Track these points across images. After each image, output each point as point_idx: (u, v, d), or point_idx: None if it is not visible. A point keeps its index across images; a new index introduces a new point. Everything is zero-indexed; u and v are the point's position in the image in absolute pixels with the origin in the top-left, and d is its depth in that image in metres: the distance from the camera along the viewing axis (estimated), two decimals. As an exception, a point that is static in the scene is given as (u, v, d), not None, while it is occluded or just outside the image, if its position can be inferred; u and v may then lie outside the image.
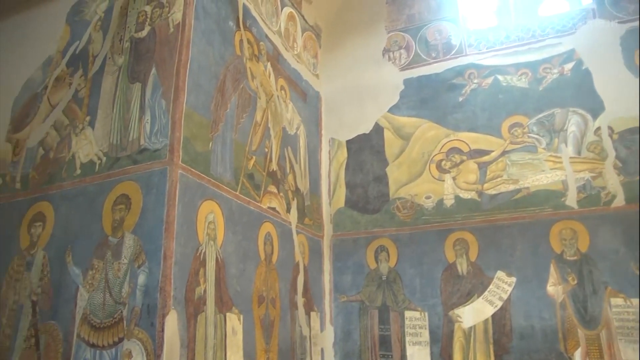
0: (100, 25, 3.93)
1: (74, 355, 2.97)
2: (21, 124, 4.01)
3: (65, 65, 3.97)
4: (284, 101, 4.80)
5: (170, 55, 3.38)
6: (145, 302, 2.81)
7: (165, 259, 2.84)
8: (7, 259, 3.53)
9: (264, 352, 3.73)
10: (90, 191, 3.30)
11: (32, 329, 3.21)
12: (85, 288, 3.07)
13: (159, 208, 2.94)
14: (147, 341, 2.74)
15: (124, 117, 3.39)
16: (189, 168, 3.17)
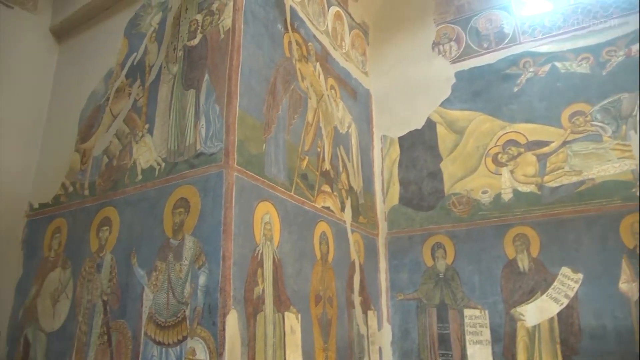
0: (155, 36, 4.08)
1: (142, 352, 3.10)
2: (87, 134, 4.25)
3: (125, 76, 4.16)
4: (335, 100, 4.80)
5: (222, 60, 3.46)
6: (206, 302, 2.88)
7: (224, 260, 2.90)
8: (80, 262, 3.76)
9: (322, 350, 3.74)
10: (152, 196, 3.44)
11: (105, 327, 3.39)
12: (149, 288, 3.20)
13: (216, 210, 3.01)
14: (209, 340, 2.81)
15: (180, 123, 3.51)
16: (244, 170, 3.23)
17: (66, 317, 3.71)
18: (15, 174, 4.46)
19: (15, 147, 4.51)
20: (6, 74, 4.57)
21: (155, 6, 4.23)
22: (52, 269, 3.99)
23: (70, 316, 3.68)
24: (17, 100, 4.61)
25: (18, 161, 4.50)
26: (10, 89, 4.56)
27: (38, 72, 4.85)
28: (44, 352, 3.76)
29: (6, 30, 4.66)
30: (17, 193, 4.45)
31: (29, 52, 4.82)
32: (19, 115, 4.60)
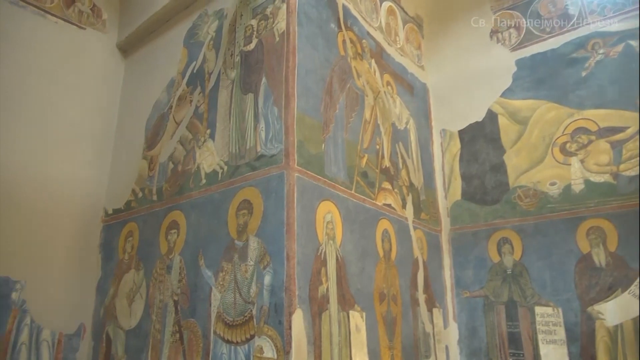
0: (213, 44, 4.20)
1: (212, 350, 3.20)
2: (153, 142, 4.45)
3: (186, 84, 4.31)
4: (391, 96, 4.74)
5: (278, 63, 3.51)
6: (272, 301, 2.93)
7: (288, 259, 2.94)
8: (152, 263, 3.94)
9: (387, 349, 3.71)
10: (216, 199, 3.54)
11: (176, 325, 3.53)
12: (217, 289, 3.30)
13: (279, 211, 3.06)
14: (276, 338, 2.85)
15: (240, 127, 3.59)
16: (305, 170, 3.25)
17: (141, 315, 3.90)
18: (91, 183, 4.76)
19: (89, 158, 4.82)
20: (79, 89, 4.88)
21: (211, 15, 4.36)
22: (126, 270, 4.21)
23: (145, 315, 3.87)
24: (89, 114, 4.91)
25: (93, 171, 4.80)
26: (83, 104, 4.87)
27: (107, 86, 5.15)
28: (124, 348, 3.98)
29: (79, 50, 4.98)
30: (93, 200, 4.75)
31: (99, 68, 5.12)
32: (91, 128, 4.91)
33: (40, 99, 4.54)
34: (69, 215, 4.52)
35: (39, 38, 4.67)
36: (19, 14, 4.58)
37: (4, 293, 3.97)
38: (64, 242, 4.45)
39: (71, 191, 4.58)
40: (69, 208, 4.53)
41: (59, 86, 4.71)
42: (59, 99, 4.68)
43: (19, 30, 4.55)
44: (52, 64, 4.70)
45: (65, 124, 4.68)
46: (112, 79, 5.20)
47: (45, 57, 4.67)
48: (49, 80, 4.64)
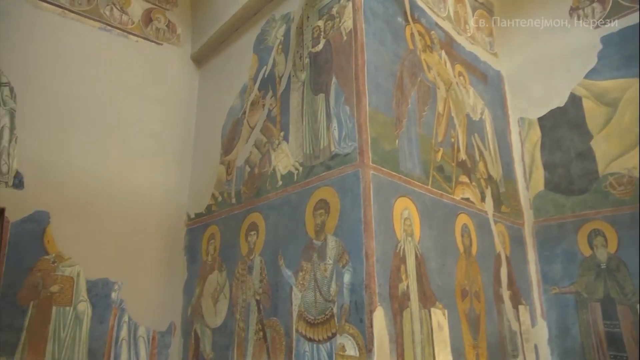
0: (282, 48, 4.28)
1: (295, 348, 3.26)
2: (229, 147, 4.62)
3: (258, 89, 4.43)
4: (464, 87, 4.58)
5: (347, 62, 3.50)
6: (352, 300, 2.93)
7: (367, 257, 2.92)
8: (234, 264, 4.09)
9: (472, 347, 3.59)
10: (293, 199, 3.61)
11: (259, 324, 3.64)
12: (297, 288, 3.36)
13: (356, 209, 3.05)
14: (358, 336, 2.85)
15: (313, 127, 3.63)
16: (380, 167, 3.22)
17: (226, 314, 4.05)
18: (174, 190, 5.04)
19: (171, 166, 5.09)
20: (159, 102, 5.17)
21: (278, 20, 4.44)
22: (210, 271, 4.40)
23: (229, 314, 4.01)
24: (169, 124, 5.20)
25: (175, 178, 5.08)
26: (163, 115, 5.16)
27: (184, 97, 5.41)
28: (211, 345, 4.16)
29: (158, 64, 5.28)
30: (176, 206, 5.02)
31: (176, 80, 5.40)
32: (172, 137, 5.19)
33: (126, 113, 4.87)
34: (156, 221, 4.82)
35: (123, 57, 5.01)
36: (106, 37, 4.94)
37: (105, 293, 4.30)
38: (153, 246, 4.75)
39: (157, 198, 4.88)
40: (155, 214, 4.83)
41: (141, 100, 5.03)
42: (142, 112, 4.99)
43: (107, 51, 4.90)
44: (135, 80, 5.03)
45: (148, 135, 4.98)
46: (188, 89, 5.47)
47: (129, 74, 5.00)
48: (133, 95, 4.97)
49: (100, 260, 4.34)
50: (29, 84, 4.32)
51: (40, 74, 4.40)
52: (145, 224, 4.72)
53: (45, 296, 3.99)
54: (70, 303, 4.10)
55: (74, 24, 4.76)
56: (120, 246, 4.50)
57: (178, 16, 5.62)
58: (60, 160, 4.32)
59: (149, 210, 4.78)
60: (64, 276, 4.13)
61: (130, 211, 4.63)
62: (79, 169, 4.41)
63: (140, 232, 4.66)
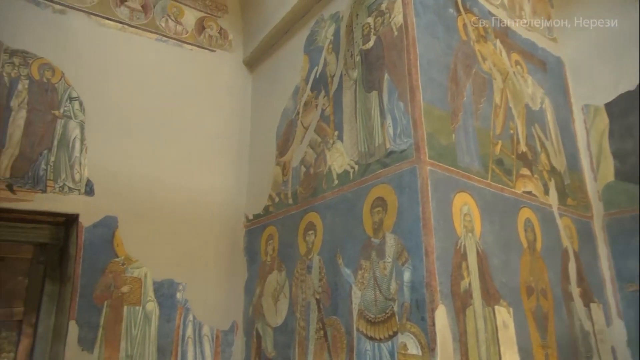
0: (332, 47, 4.29)
1: (356, 346, 3.26)
2: (284, 148, 4.68)
3: (310, 90, 4.46)
4: (522, 76, 4.41)
5: (399, 57, 3.47)
6: (413, 298, 2.89)
7: (427, 255, 2.88)
8: (292, 264, 4.14)
9: (541, 347, 3.44)
10: (349, 198, 3.61)
11: (320, 323, 3.66)
12: (357, 286, 3.35)
13: (414, 206, 3.01)
14: (420, 335, 2.81)
15: (367, 125, 3.62)
16: (437, 163, 3.16)
17: (286, 314, 4.11)
18: (232, 192, 5.17)
19: (229, 169, 5.23)
20: (214, 107, 5.33)
21: (327, 19, 4.46)
22: (269, 271, 4.48)
23: (290, 313, 4.07)
24: (225, 128, 5.34)
25: (232, 181, 5.21)
26: (219, 119, 5.32)
27: (238, 101, 5.55)
28: (272, 343, 4.23)
29: (212, 70, 5.45)
30: (235, 208, 5.15)
31: (229, 85, 5.54)
32: (228, 141, 5.33)
33: (184, 120, 5.05)
34: (216, 223, 4.97)
35: (179, 66, 5.21)
36: (163, 48, 5.16)
37: (170, 293, 4.49)
38: (214, 247, 4.90)
39: (216, 201, 5.03)
40: (215, 217, 4.98)
41: (198, 106, 5.20)
42: (199, 117, 5.17)
43: (164, 61, 5.12)
44: (191, 87, 5.21)
45: (205, 140, 5.14)
46: (241, 93, 5.60)
47: (185, 81, 5.19)
48: (190, 102, 5.15)
49: (165, 262, 4.53)
50: (95, 97, 4.58)
51: (105, 87, 4.66)
52: (205, 226, 4.89)
53: (117, 296, 4.22)
54: (139, 303, 4.31)
55: (133, 37, 5.00)
56: (183, 248, 4.68)
57: (229, 22, 5.77)
58: (125, 167, 4.56)
59: (209, 212, 4.94)
60: (133, 277, 4.35)
61: (191, 214, 4.81)
62: (142, 175, 4.63)
63: (201, 234, 4.83)
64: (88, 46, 4.68)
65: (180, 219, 4.73)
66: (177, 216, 4.72)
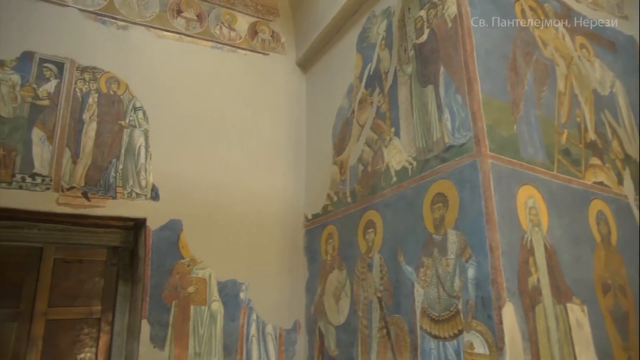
0: (385, 43, 4.25)
1: (420, 345, 3.21)
2: (341, 147, 4.69)
3: (364, 87, 4.44)
4: (588, 60, 4.16)
5: (454, 49, 3.38)
6: (478, 295, 2.81)
7: (492, 251, 2.79)
8: (353, 263, 4.14)
9: (622, 350, 3.23)
10: (408, 195, 3.56)
11: (382, 321, 3.64)
12: (419, 284, 3.30)
13: (476, 201, 2.93)
14: (486, 333, 2.73)
15: (424, 120, 3.55)
16: (498, 156, 3.05)
17: (348, 312, 4.11)
18: (291, 193, 5.24)
19: (286, 170, 5.31)
20: (270, 109, 5.42)
21: (379, 15, 4.42)
22: (330, 270, 4.50)
23: (351, 311, 4.06)
24: (281, 129, 5.42)
25: (290, 182, 5.28)
26: (275, 121, 5.40)
27: (293, 102, 5.61)
28: (335, 342, 4.25)
29: (266, 74, 5.54)
30: (294, 208, 5.21)
31: (284, 87, 5.62)
32: (285, 143, 5.40)
33: (241, 124, 5.17)
34: (276, 223, 5.05)
35: (234, 71, 5.34)
36: (218, 55, 5.31)
37: (234, 293, 4.62)
38: (275, 247, 4.98)
39: (275, 202, 5.12)
40: (275, 217, 5.07)
41: (254, 109, 5.31)
42: (255, 120, 5.27)
43: (220, 67, 5.26)
44: (246, 90, 5.33)
45: (263, 142, 5.24)
46: (296, 94, 5.66)
47: (241, 86, 5.31)
48: (246, 106, 5.27)
49: (228, 263, 4.66)
50: (157, 106, 4.79)
51: (165, 95, 4.86)
52: (266, 227, 4.98)
53: (184, 296, 4.39)
54: (205, 302, 4.46)
55: (190, 46, 5.18)
56: (245, 249, 4.79)
57: (281, 25, 5.85)
58: (187, 172, 4.73)
59: (269, 213, 5.04)
60: (198, 278, 4.51)
61: (251, 216, 4.92)
62: (204, 179, 4.78)
63: (262, 235, 4.93)
64: (149, 58, 4.90)
65: (241, 220, 4.86)
66: (238, 218, 4.85)
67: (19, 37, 4.35)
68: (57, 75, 4.43)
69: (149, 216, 4.46)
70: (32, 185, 4.09)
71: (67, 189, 4.21)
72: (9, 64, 4.26)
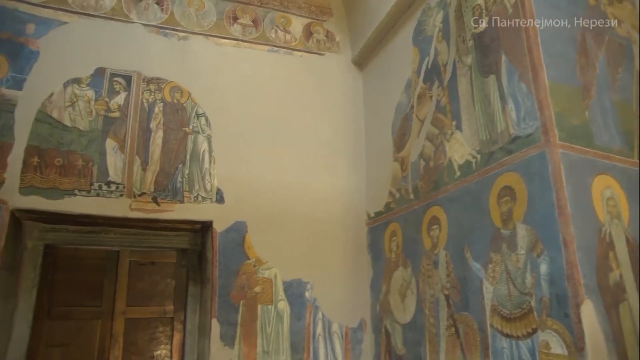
0: (442, 35, 4.14)
1: (492, 344, 3.11)
2: (401, 143, 4.63)
3: (423, 81, 4.35)
4: (669, 36, 3.86)
5: (516, 36, 3.23)
6: (553, 292, 2.68)
7: (566, 245, 2.64)
8: (418, 260, 4.08)
9: None
10: (473, 189, 3.46)
11: (450, 319, 3.56)
12: (488, 281, 3.20)
13: (546, 193, 2.79)
14: (564, 333, 2.59)
15: (486, 111, 3.43)
16: (569, 145, 2.89)
17: (414, 310, 4.05)
18: (352, 191, 5.24)
19: (347, 168, 5.31)
20: (327, 108, 5.45)
21: (434, 7, 4.32)
22: (395, 268, 4.46)
23: (418, 310, 4.01)
24: (341, 129, 5.43)
25: (351, 180, 5.27)
26: (333, 121, 5.43)
27: (350, 100, 5.61)
28: (402, 341, 4.21)
29: (322, 74, 5.58)
30: (356, 206, 5.21)
31: (341, 86, 5.62)
32: (345, 141, 5.41)
33: (300, 124, 5.24)
34: (338, 223, 5.07)
35: (291, 73, 5.41)
36: (274, 58, 5.41)
37: (299, 292, 4.69)
38: (338, 246, 5.00)
39: (337, 201, 5.14)
40: (337, 216, 5.09)
41: (312, 109, 5.36)
42: (313, 120, 5.32)
43: (277, 70, 5.36)
44: (303, 91, 5.39)
45: (322, 142, 5.28)
46: (353, 92, 5.65)
47: (298, 87, 5.38)
48: (304, 106, 5.33)
49: (293, 262, 4.74)
50: (218, 112, 4.95)
51: (226, 101, 5.02)
52: (329, 226, 5.01)
53: (251, 296, 4.51)
54: (271, 302, 4.56)
55: (247, 51, 5.32)
56: (309, 248, 4.85)
57: (335, 25, 5.86)
58: (250, 174, 4.85)
59: (331, 212, 5.06)
60: (264, 278, 4.61)
61: (314, 215, 4.96)
62: (266, 180, 4.89)
63: (325, 234, 4.96)
64: (208, 65, 5.08)
65: (304, 220, 4.92)
66: (301, 217, 4.91)
67: (92, 55, 4.66)
68: (126, 88, 4.70)
69: (214, 219, 4.63)
70: (108, 193, 4.36)
71: (139, 195, 4.45)
72: (85, 80, 4.58)
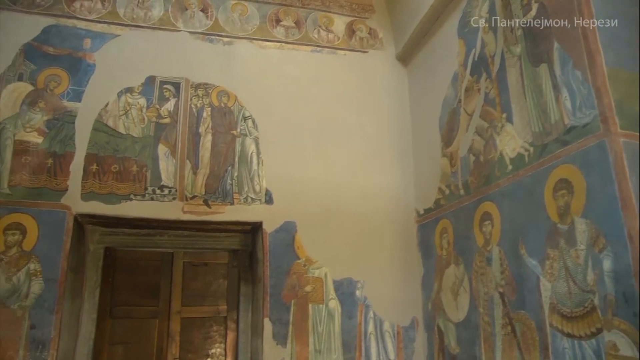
0: (488, 26, 4.02)
1: (551, 344, 2.99)
2: (449, 138, 4.53)
3: (470, 74, 4.25)
4: None
5: (569, 21, 3.08)
6: (619, 290, 2.54)
7: (632, 240, 2.49)
8: (470, 257, 3.99)
9: None
10: (526, 183, 3.34)
11: (506, 318, 3.46)
12: (545, 278, 3.07)
13: (607, 185, 2.65)
14: (633, 333, 2.44)
15: (539, 102, 3.30)
16: (632, 133, 2.72)
17: (468, 308, 3.97)
18: (400, 188, 5.19)
19: (395, 166, 5.26)
20: (373, 106, 5.42)
21: (480, -2, 4.20)
22: (446, 265, 4.38)
23: (471, 308, 3.92)
24: (387, 126, 5.39)
25: (399, 177, 5.22)
26: (379, 118, 5.39)
27: (395, 96, 5.55)
28: (456, 339, 4.14)
29: (367, 71, 5.55)
30: (405, 204, 5.15)
31: (385, 83, 5.57)
32: (391, 139, 5.36)
33: (345, 123, 5.24)
34: (387, 220, 5.03)
35: (335, 71, 5.43)
36: (318, 58, 5.45)
37: (350, 291, 4.69)
38: (388, 244, 4.97)
39: (385, 198, 5.10)
40: (386, 214, 5.05)
41: (357, 107, 5.35)
42: (359, 118, 5.31)
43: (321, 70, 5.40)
44: (348, 90, 5.38)
45: (368, 140, 5.26)
46: (398, 89, 5.59)
47: (343, 85, 5.38)
48: (349, 105, 5.32)
49: (343, 261, 4.74)
50: (265, 113, 5.04)
51: (272, 102, 5.09)
52: (378, 224, 4.98)
53: (302, 295, 4.56)
54: (322, 301, 4.59)
55: (291, 52, 5.37)
56: (358, 247, 4.83)
57: (377, 22, 5.81)
58: (298, 174, 4.90)
59: (380, 210, 5.03)
60: (314, 277, 4.65)
61: (363, 214, 4.95)
62: (314, 180, 4.92)
63: (374, 232, 4.94)
64: (253, 68, 5.17)
65: (353, 218, 4.91)
66: (350, 216, 4.90)
67: (142, 65, 4.86)
68: (175, 95, 4.86)
69: (264, 219, 4.71)
70: (161, 196, 4.53)
71: (190, 198, 4.59)
72: (137, 89, 4.78)
